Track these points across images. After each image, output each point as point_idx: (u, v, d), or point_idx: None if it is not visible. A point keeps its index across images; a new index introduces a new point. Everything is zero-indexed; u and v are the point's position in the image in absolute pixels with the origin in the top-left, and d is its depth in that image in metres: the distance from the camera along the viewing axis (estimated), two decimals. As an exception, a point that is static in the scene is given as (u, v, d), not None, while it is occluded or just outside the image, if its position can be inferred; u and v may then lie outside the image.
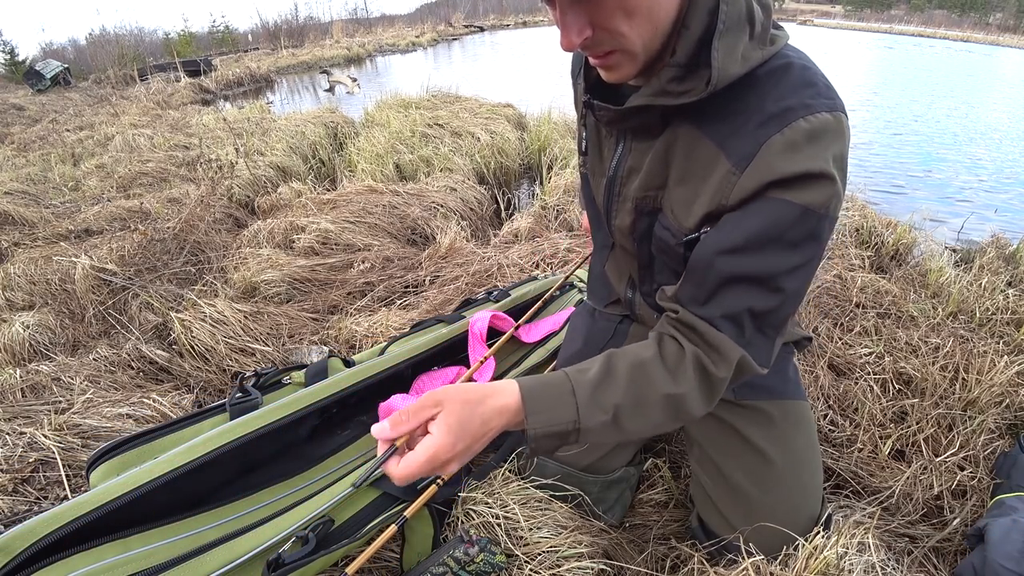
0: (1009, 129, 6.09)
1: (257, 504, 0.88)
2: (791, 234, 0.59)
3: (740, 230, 0.60)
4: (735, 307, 0.62)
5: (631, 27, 0.57)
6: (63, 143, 4.81)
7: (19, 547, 0.68)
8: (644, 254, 0.80)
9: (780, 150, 0.57)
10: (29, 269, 2.08)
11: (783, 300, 0.62)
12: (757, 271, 0.60)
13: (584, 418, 0.61)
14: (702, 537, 0.93)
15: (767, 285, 0.61)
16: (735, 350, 0.62)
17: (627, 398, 0.62)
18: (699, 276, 0.64)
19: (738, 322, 0.63)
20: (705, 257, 0.63)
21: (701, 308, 0.64)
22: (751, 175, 0.59)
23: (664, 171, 0.70)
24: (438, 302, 1.78)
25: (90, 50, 14.43)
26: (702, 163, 0.64)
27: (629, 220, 0.77)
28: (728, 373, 0.63)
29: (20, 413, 1.29)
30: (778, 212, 0.58)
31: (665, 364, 0.64)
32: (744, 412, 0.87)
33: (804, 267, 0.61)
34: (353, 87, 8.44)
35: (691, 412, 0.64)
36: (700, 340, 0.64)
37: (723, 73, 0.57)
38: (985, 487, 1.13)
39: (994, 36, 27.77)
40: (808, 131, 0.57)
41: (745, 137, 0.60)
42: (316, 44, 15.66)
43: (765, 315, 0.63)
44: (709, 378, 0.63)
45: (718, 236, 0.62)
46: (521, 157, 3.62)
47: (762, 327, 0.64)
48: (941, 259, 2.12)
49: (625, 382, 0.63)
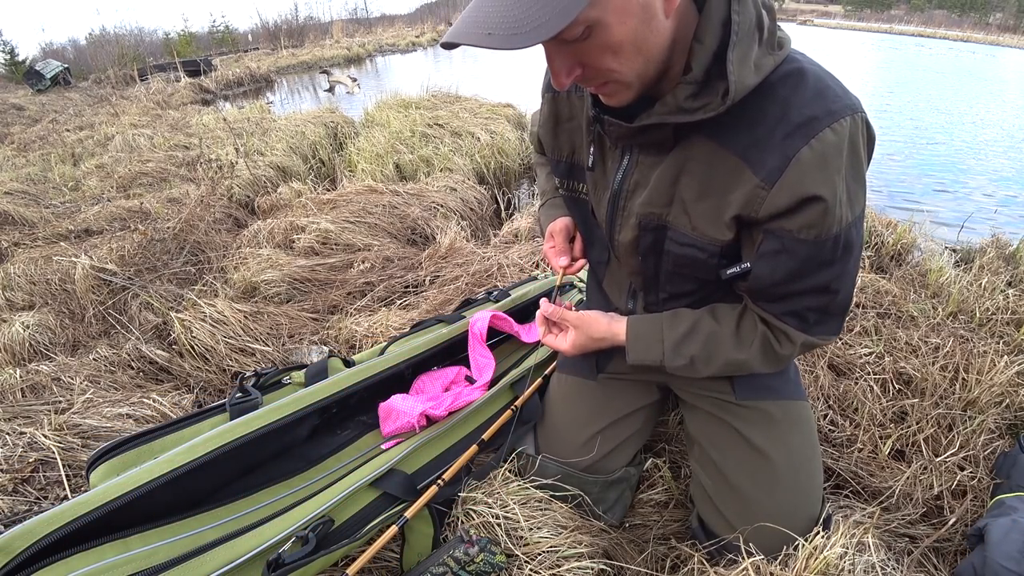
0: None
1: (257, 504, 0.88)
2: (828, 254, 0.65)
3: (781, 269, 0.67)
4: (796, 308, 0.72)
5: (620, 63, 0.58)
6: (63, 143, 4.81)
7: (19, 547, 0.68)
8: (649, 267, 0.80)
9: (811, 167, 0.59)
10: (29, 269, 2.08)
11: (836, 296, 0.71)
12: (807, 287, 0.69)
13: (668, 360, 0.80)
14: (702, 537, 0.93)
15: (820, 292, 0.70)
16: (798, 335, 0.73)
17: (701, 353, 0.78)
18: (758, 293, 0.73)
19: (801, 316, 0.73)
20: (756, 288, 0.72)
21: (768, 305, 0.74)
22: (782, 191, 0.60)
23: (671, 190, 0.70)
24: (438, 302, 1.78)
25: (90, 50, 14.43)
26: (723, 175, 0.65)
27: (632, 235, 0.77)
28: (792, 351, 0.76)
29: (20, 413, 1.29)
30: (806, 251, 0.64)
31: (740, 335, 0.77)
32: (745, 412, 0.87)
33: (848, 269, 0.68)
34: (353, 87, 8.43)
35: (754, 370, 0.79)
36: (769, 326, 0.76)
37: (740, 85, 0.57)
38: (985, 487, 1.13)
39: (994, 36, 27.76)
40: (835, 143, 0.58)
41: (771, 150, 0.60)
42: (316, 44, 15.65)
43: (825, 308, 0.72)
44: (773, 352, 0.76)
45: (759, 277, 0.70)
46: (521, 157, 3.62)
47: (825, 315, 0.73)
48: (941, 259, 2.12)
49: (702, 342, 0.78)
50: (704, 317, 0.80)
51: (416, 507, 0.85)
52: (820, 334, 0.74)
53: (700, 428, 0.94)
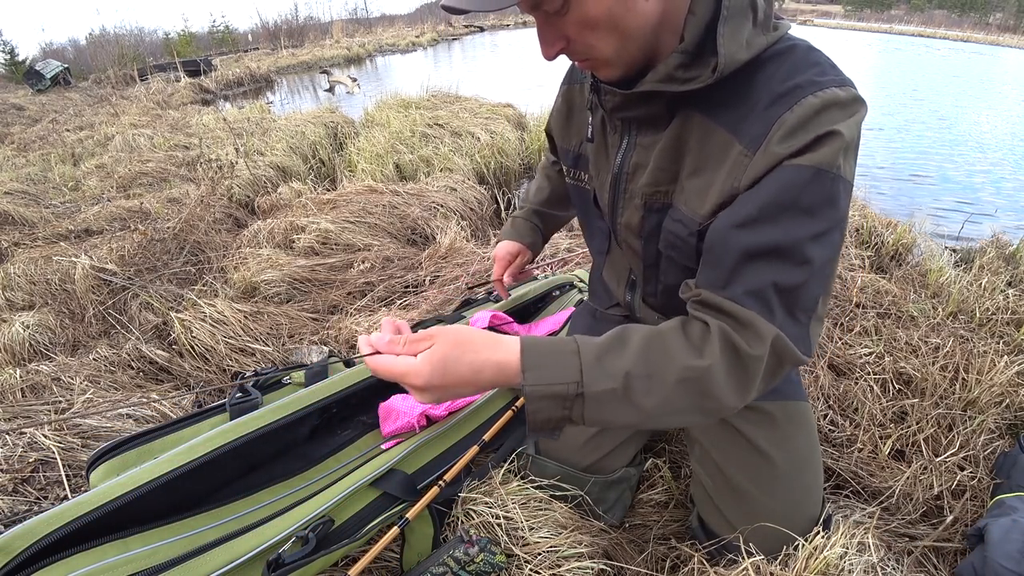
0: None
1: (257, 504, 0.88)
2: (806, 198, 0.55)
3: (752, 201, 0.57)
4: (759, 283, 0.56)
5: (597, 39, 0.60)
6: (63, 143, 4.81)
7: (19, 547, 0.68)
8: (650, 253, 0.79)
9: (791, 129, 0.57)
10: (29, 269, 2.08)
11: (810, 273, 0.57)
12: (776, 241, 0.56)
13: (588, 381, 0.54)
14: (702, 537, 0.93)
15: (790, 256, 0.56)
16: (768, 327, 0.55)
17: (639, 367, 0.55)
18: (716, 256, 0.60)
19: (764, 299, 0.56)
20: (720, 234, 0.59)
21: (723, 290, 0.58)
22: (764, 156, 0.58)
23: (675, 165, 0.70)
24: (438, 302, 1.78)
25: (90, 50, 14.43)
26: (716, 152, 0.64)
27: (637, 217, 0.76)
28: (763, 351, 0.55)
29: (20, 413, 1.29)
30: (789, 177, 0.55)
31: (688, 337, 0.58)
32: (745, 412, 0.87)
33: (827, 235, 0.57)
34: (353, 87, 8.43)
35: (718, 395, 0.56)
36: (727, 317, 0.57)
37: (729, 59, 0.58)
38: (985, 487, 1.13)
39: (994, 36, 27.76)
40: (818, 106, 0.56)
41: (755, 120, 0.60)
42: (316, 44, 15.66)
43: (793, 291, 0.57)
44: (740, 356, 0.56)
45: (731, 212, 0.59)
46: (521, 157, 3.62)
47: (792, 309, 0.58)
48: (941, 259, 2.12)
49: (638, 349, 0.56)
50: (628, 326, 0.61)
51: (416, 507, 0.85)
52: (791, 335, 0.57)
53: (701, 428, 0.94)
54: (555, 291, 1.54)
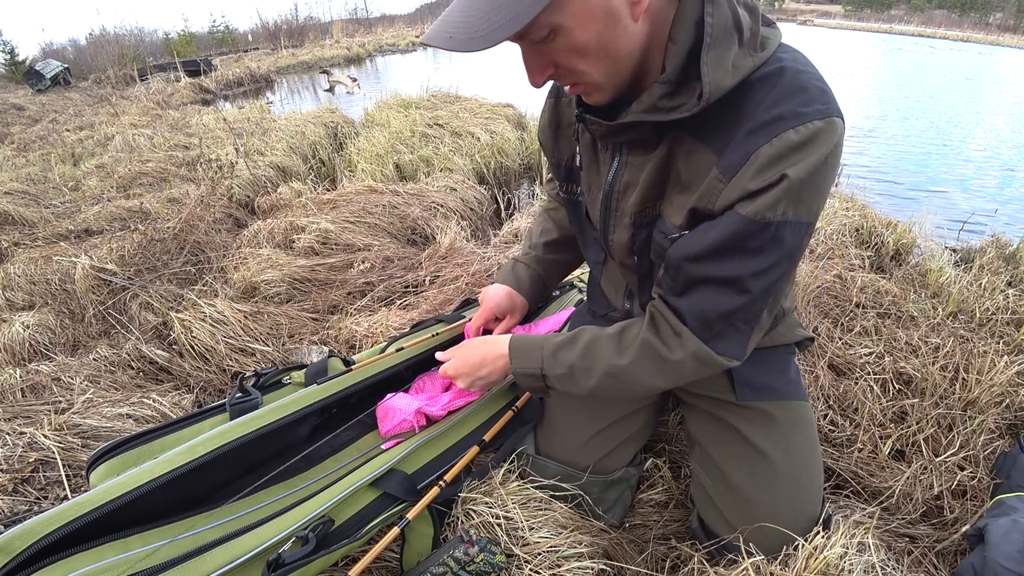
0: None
1: (257, 504, 0.88)
2: (751, 243, 0.61)
3: (704, 240, 0.63)
4: (703, 306, 0.67)
5: (588, 64, 0.59)
6: (63, 143, 4.81)
7: (19, 547, 0.68)
8: (644, 265, 0.80)
9: (763, 165, 0.57)
10: (29, 269, 2.08)
11: (751, 300, 0.65)
12: (719, 276, 0.64)
13: (547, 368, 0.79)
14: (702, 537, 0.93)
15: (732, 287, 0.64)
16: (694, 342, 0.68)
17: (579, 361, 0.77)
18: (672, 273, 0.69)
19: (705, 320, 0.67)
20: (675, 260, 0.68)
21: (676, 299, 0.70)
22: (734, 186, 0.59)
23: (663, 183, 0.71)
24: (438, 302, 1.78)
25: (90, 50, 14.44)
26: (701, 170, 0.64)
27: (627, 235, 0.77)
28: (682, 359, 0.69)
29: (20, 413, 1.29)
30: (736, 225, 0.60)
31: (620, 340, 0.75)
32: (746, 413, 0.87)
33: (769, 270, 0.63)
34: (353, 87, 8.43)
35: (642, 383, 0.74)
36: (664, 325, 0.71)
37: (715, 86, 0.57)
38: (985, 487, 1.13)
39: (994, 36, 27.74)
40: (797, 143, 0.56)
41: (736, 147, 0.60)
42: (316, 44, 15.66)
43: (734, 313, 0.67)
44: (660, 358, 0.71)
45: (687, 242, 0.66)
46: (521, 157, 3.62)
47: (733, 322, 0.68)
48: (941, 259, 2.11)
49: (581, 348, 0.77)
50: (592, 328, 0.80)
51: (416, 507, 0.85)
52: (721, 351, 0.68)
53: (700, 428, 0.94)
54: (555, 291, 1.54)
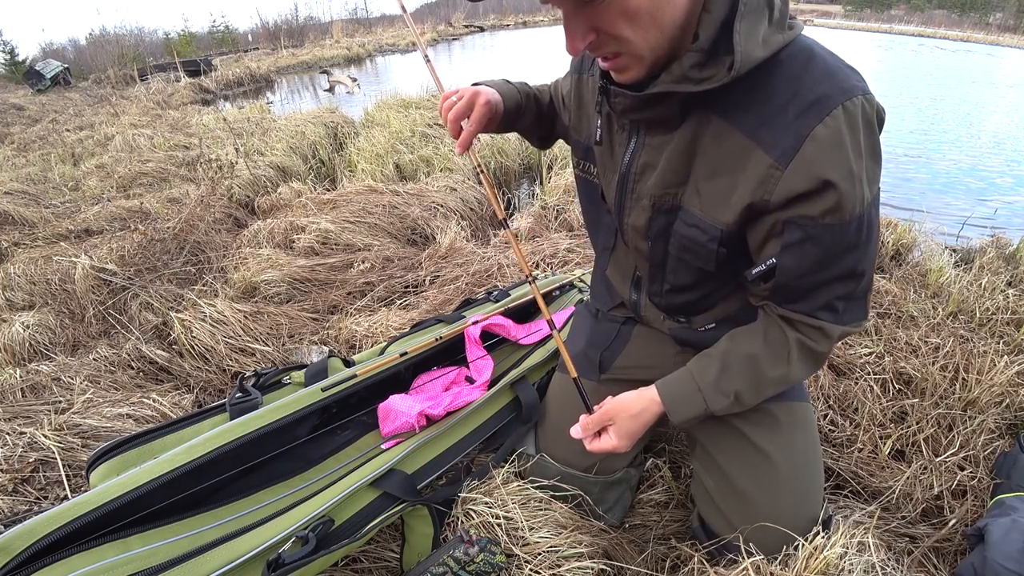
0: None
1: (257, 504, 0.88)
2: (850, 240, 0.64)
3: (809, 258, 0.65)
4: (827, 299, 0.70)
5: (634, 31, 0.57)
6: (63, 143, 4.81)
7: (19, 547, 0.68)
8: (657, 253, 0.79)
9: (826, 146, 0.58)
10: (29, 269, 2.08)
11: (862, 279, 0.69)
12: (833, 276, 0.67)
13: (712, 406, 0.77)
14: (703, 537, 0.93)
15: (848, 279, 0.68)
16: (834, 328, 0.71)
17: (745, 384, 0.76)
18: (786, 291, 0.71)
19: (832, 308, 0.71)
20: (784, 285, 0.70)
21: (797, 305, 0.72)
22: (798, 172, 0.59)
23: (686, 167, 0.69)
24: (438, 302, 1.78)
25: (90, 50, 14.41)
26: (733, 155, 0.64)
27: (645, 218, 0.76)
28: (830, 346, 0.74)
29: (20, 413, 1.29)
30: (833, 235, 0.63)
31: (772, 351, 0.75)
32: (747, 413, 0.87)
33: (870, 248, 0.67)
34: (353, 87, 8.43)
35: (799, 380, 0.77)
36: (802, 326, 0.73)
37: (746, 57, 0.57)
38: (985, 487, 1.13)
39: (994, 36, 27.71)
40: (848, 121, 0.58)
41: (783, 129, 0.59)
42: (316, 44, 15.65)
43: (851, 293, 0.70)
44: (814, 353, 0.74)
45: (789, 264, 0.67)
46: (521, 157, 3.62)
47: (851, 301, 0.71)
48: (941, 259, 2.11)
49: (739, 371, 0.76)
50: (730, 349, 0.78)
51: (416, 508, 0.85)
52: (851, 322, 0.72)
53: (702, 428, 0.94)
54: (555, 291, 1.54)
